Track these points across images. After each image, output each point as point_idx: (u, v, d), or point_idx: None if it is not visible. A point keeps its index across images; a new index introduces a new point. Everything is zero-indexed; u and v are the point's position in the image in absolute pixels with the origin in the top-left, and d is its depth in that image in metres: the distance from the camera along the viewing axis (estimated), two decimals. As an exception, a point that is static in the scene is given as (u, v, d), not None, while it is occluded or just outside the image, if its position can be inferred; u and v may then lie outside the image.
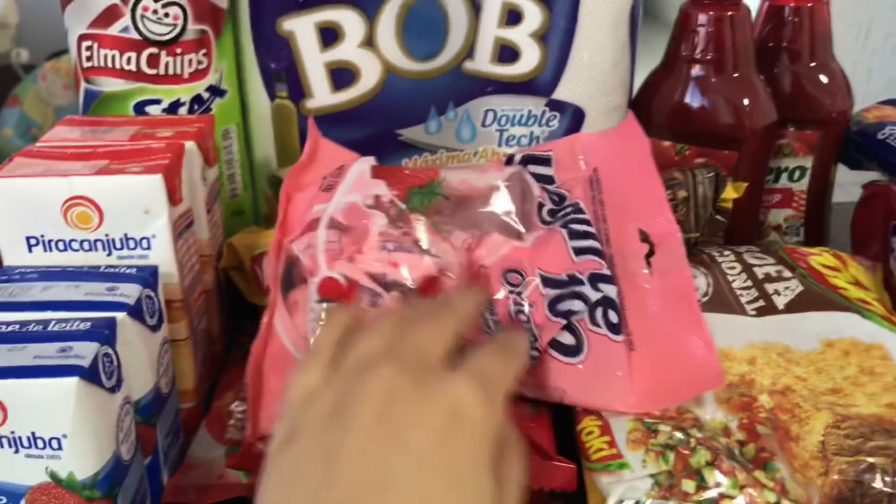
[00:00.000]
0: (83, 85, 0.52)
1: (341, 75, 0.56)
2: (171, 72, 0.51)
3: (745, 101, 0.58)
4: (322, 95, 0.56)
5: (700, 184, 0.54)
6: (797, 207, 0.64)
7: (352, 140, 0.57)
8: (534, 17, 0.56)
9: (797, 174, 0.63)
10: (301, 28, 0.54)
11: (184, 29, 0.51)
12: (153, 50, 0.51)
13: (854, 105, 0.63)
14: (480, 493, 0.30)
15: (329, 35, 0.55)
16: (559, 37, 0.57)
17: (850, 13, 2.05)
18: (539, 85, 0.58)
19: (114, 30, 0.50)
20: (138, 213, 0.43)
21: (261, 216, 0.61)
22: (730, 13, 0.57)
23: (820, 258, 0.54)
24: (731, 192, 0.55)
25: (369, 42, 0.55)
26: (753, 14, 0.61)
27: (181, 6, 0.50)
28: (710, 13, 0.58)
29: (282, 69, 0.56)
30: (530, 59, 0.57)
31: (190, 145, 0.47)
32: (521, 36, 0.57)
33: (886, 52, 2.58)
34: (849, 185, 0.67)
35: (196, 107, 0.53)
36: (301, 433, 0.31)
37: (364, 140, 0.57)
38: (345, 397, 0.32)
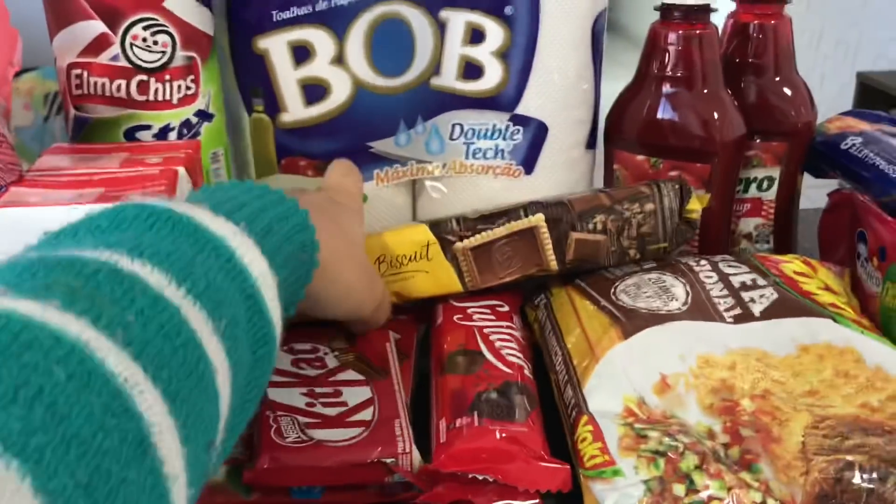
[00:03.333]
0: (72, 112, 0.53)
1: (313, 91, 0.58)
2: (160, 98, 0.52)
3: (716, 116, 0.60)
4: (296, 110, 0.58)
5: (666, 196, 0.56)
6: (766, 216, 0.66)
7: (325, 152, 0.59)
8: (496, 36, 0.58)
9: (766, 184, 0.65)
10: (275, 46, 0.56)
11: (172, 56, 0.52)
12: (143, 77, 0.52)
13: (818, 116, 0.66)
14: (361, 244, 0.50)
15: (301, 53, 0.57)
16: (520, 54, 0.59)
17: (801, 20, 2.11)
18: (502, 100, 0.60)
19: (104, 58, 0.51)
20: (137, 239, 0.43)
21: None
22: (698, 32, 0.60)
23: (792, 265, 0.56)
24: (695, 203, 0.57)
25: (339, 59, 0.57)
26: (719, 31, 0.63)
27: (170, 34, 0.51)
28: (680, 32, 0.60)
29: (258, 85, 0.57)
30: (493, 75, 0.59)
31: (181, 171, 0.48)
32: (484, 54, 0.59)
33: (838, 57, 2.65)
34: (811, 188, 0.69)
35: (185, 131, 0.54)
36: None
37: (337, 152, 0.59)
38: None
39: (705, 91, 0.60)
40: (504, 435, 0.45)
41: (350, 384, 0.50)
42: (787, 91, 0.64)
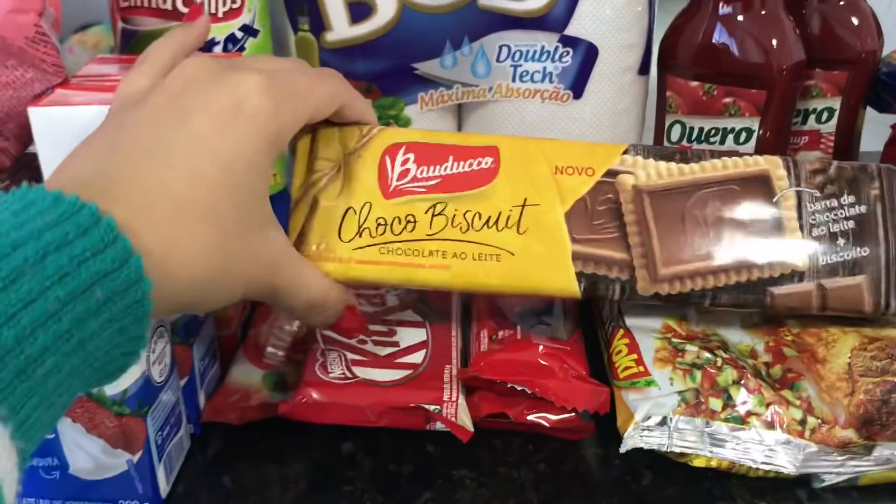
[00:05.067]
0: (120, 24, 0.53)
1: (359, 9, 0.57)
2: (205, 11, 0.52)
3: (774, 40, 0.58)
4: (341, 28, 0.57)
5: None
6: (825, 149, 0.64)
7: (369, 73, 0.58)
8: None
9: (825, 115, 0.63)
10: None
11: (217, -33, 0.52)
12: (188, -12, 0.52)
13: (884, 46, 0.63)
14: (247, 184, 0.32)
15: None
16: None
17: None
18: (552, 20, 0.58)
19: (150, -32, 0.51)
20: (176, 140, 0.44)
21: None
22: (758, -50, 0.57)
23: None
24: None
25: None
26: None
27: (215, -56, 0.51)
28: (738, -50, 0.58)
29: (304, 2, 0.57)
30: None
31: (224, 80, 0.48)
32: None
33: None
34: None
35: (230, 46, 0.54)
36: (107, 117, 0.35)
37: (381, 73, 0.58)
38: (153, 88, 0.34)
39: (763, 12, 0.58)
40: (546, 350, 0.45)
41: (406, 324, 0.48)
42: (852, 18, 0.61)
